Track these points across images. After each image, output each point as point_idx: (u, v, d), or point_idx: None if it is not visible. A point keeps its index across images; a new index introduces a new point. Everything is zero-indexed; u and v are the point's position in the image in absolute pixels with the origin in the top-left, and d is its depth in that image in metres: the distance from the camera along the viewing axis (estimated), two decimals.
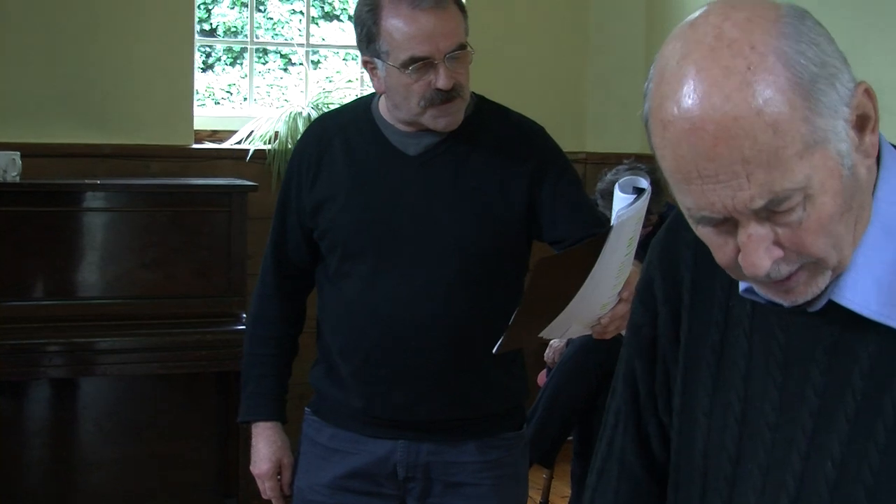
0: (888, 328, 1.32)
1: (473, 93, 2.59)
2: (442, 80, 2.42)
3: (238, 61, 6.01)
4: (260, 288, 2.77)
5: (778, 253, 1.28)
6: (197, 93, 5.39)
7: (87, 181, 4.74)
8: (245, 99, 5.62)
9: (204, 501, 4.89)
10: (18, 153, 4.64)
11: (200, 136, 5.31)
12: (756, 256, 1.27)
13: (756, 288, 1.36)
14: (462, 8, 2.49)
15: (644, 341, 1.55)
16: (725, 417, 1.45)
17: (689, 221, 1.34)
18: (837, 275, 1.32)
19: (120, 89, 5.02)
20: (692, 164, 1.25)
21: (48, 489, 4.77)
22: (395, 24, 2.42)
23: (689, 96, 1.24)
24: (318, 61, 6.00)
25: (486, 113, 2.60)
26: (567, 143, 2.98)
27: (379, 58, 2.47)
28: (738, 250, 1.29)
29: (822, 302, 1.34)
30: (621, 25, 5.82)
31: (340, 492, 2.64)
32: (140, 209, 4.77)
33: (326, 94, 5.29)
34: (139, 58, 5.03)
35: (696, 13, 1.30)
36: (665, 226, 1.57)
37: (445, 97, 2.44)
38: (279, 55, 6.21)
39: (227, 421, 4.69)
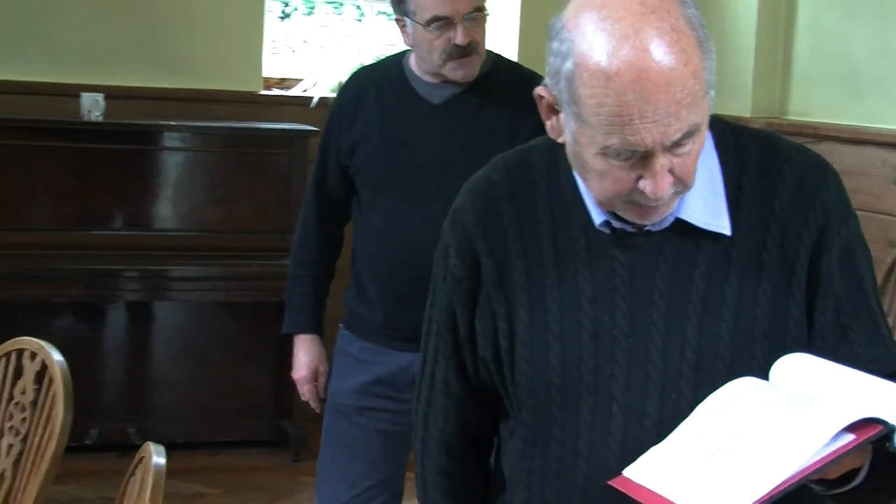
0: (715, 234, 1.65)
1: (490, 51, 2.93)
2: (460, 37, 2.78)
3: (314, 12, 6.26)
4: (303, 218, 3.14)
5: (671, 179, 1.57)
6: (273, 42, 5.70)
7: (162, 122, 5.06)
8: (322, 48, 5.91)
9: (261, 422, 5.23)
10: (102, 95, 4.95)
11: (269, 83, 5.58)
12: (665, 182, 1.55)
13: (623, 213, 1.62)
14: None
15: (465, 290, 1.74)
16: (579, 337, 1.66)
17: (592, 158, 1.56)
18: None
19: (196, 38, 5.27)
20: (635, 107, 1.50)
21: (122, 406, 5.14)
22: None
23: (633, 52, 1.49)
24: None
25: (501, 69, 2.94)
26: None
27: (407, 16, 2.83)
28: (636, 180, 1.55)
29: (670, 220, 1.65)
30: None
31: (366, 396, 3.00)
32: (210, 150, 5.11)
33: (391, 46, 5.58)
34: (214, 9, 5.29)
35: None
36: (474, 193, 1.78)
37: (463, 52, 2.80)
38: (357, 7, 6.43)
39: (283, 348, 4.92)
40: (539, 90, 1.63)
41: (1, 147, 4.84)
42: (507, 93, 2.90)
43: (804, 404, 1.50)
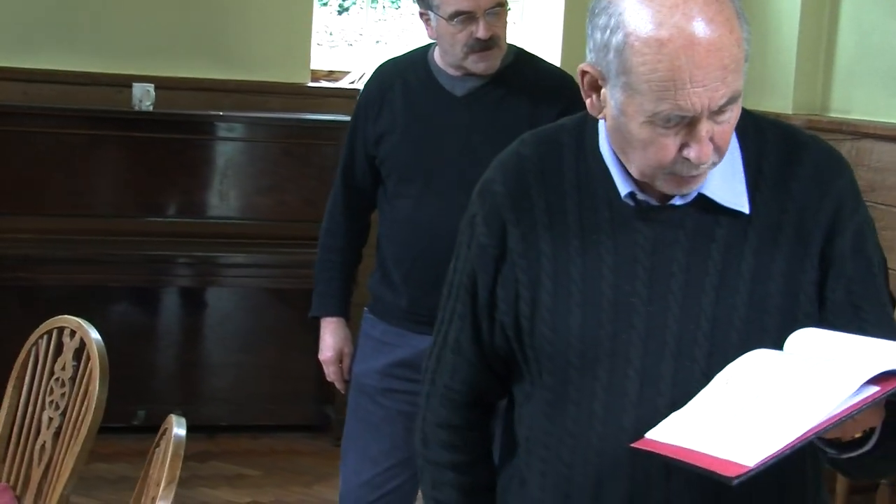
0: (733, 211, 1.75)
1: (512, 45, 3.01)
2: (481, 31, 2.86)
3: (372, 5, 6.27)
4: (331, 205, 3.25)
5: (712, 146, 1.65)
6: (331, 35, 5.80)
7: (212, 112, 5.19)
8: (377, 42, 6.00)
9: (305, 407, 5.35)
10: (153, 85, 5.10)
11: (318, 75, 5.69)
12: (708, 148, 1.64)
13: (663, 184, 1.70)
14: None
15: (489, 257, 1.83)
16: (599, 303, 1.75)
17: (639, 128, 1.64)
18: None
19: (245, 30, 5.40)
20: (686, 72, 1.59)
21: (170, 389, 5.27)
22: None
23: (683, 19, 1.59)
24: None
25: (522, 62, 3.02)
26: None
27: (431, 10, 2.92)
28: (680, 148, 1.64)
29: (693, 195, 1.74)
30: None
31: (389, 378, 3.10)
32: (258, 140, 5.23)
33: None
34: (263, 2, 5.41)
35: None
36: (504, 166, 1.87)
37: (484, 45, 2.88)
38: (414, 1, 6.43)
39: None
40: (583, 66, 1.71)
41: (57, 135, 5.00)
42: (528, 85, 2.98)
43: (826, 363, 1.56)
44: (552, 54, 5.53)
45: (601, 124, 1.79)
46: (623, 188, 1.76)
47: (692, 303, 1.74)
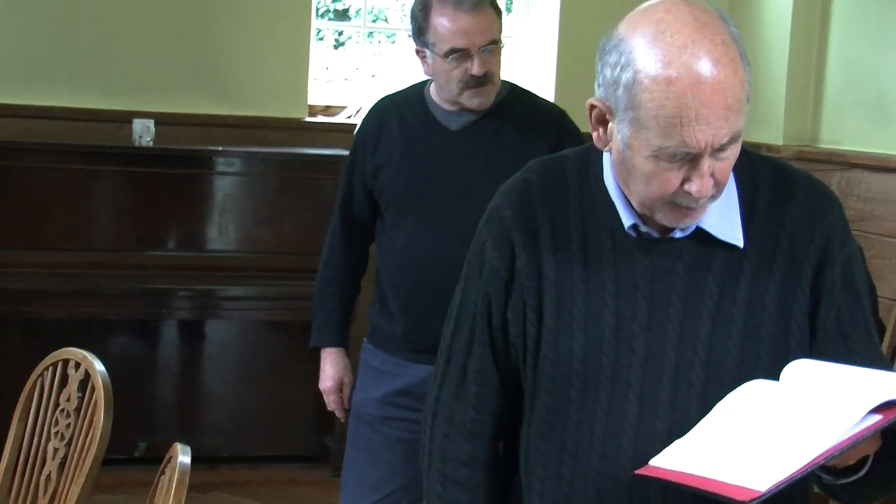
0: (728, 244, 1.83)
1: (505, 81, 3.10)
2: (476, 68, 2.95)
3: (367, 40, 6.31)
4: (330, 238, 3.32)
5: (712, 182, 1.74)
6: (327, 69, 5.87)
7: (211, 148, 5.26)
8: (373, 76, 6.08)
9: (303, 437, 5.39)
10: (153, 121, 5.16)
11: (315, 110, 5.75)
12: (709, 183, 1.72)
13: (663, 215, 1.77)
14: (497, 10, 3.01)
15: (501, 281, 1.89)
16: (601, 328, 1.82)
17: (643, 161, 1.71)
18: None
19: (243, 67, 5.48)
20: (693, 109, 1.66)
21: (171, 420, 5.32)
22: (440, 21, 2.95)
23: (692, 60, 1.67)
24: None
25: (515, 97, 3.11)
26: None
27: (427, 47, 3.00)
28: (682, 181, 1.72)
29: (692, 228, 1.82)
30: None
31: (388, 406, 3.16)
32: (256, 174, 5.30)
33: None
34: (261, 39, 5.49)
35: (656, 6, 1.73)
36: (511, 192, 1.93)
37: (479, 82, 2.97)
38: (409, 35, 6.43)
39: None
40: (591, 101, 1.78)
41: (58, 171, 5.06)
42: (521, 120, 3.06)
43: (830, 393, 1.63)
44: (546, 89, 5.61)
45: (605, 157, 1.86)
46: (627, 220, 1.84)
47: (689, 331, 1.82)
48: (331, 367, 3.31)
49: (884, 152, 5.00)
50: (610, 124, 1.77)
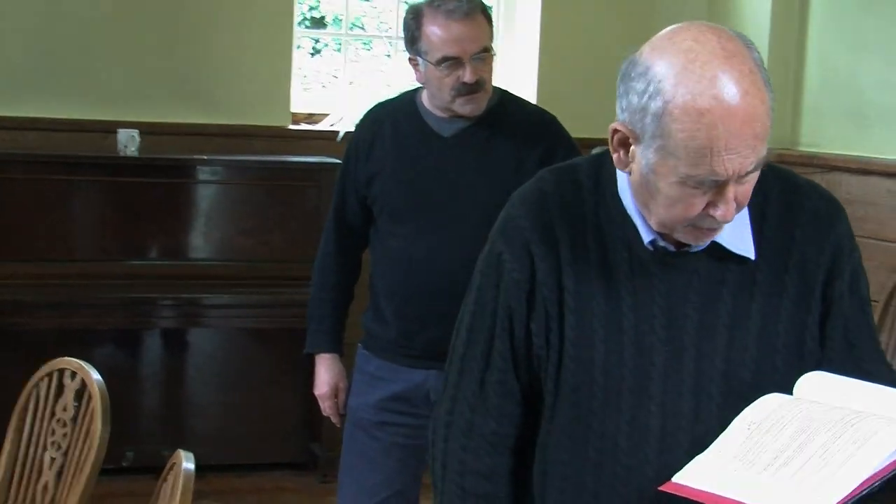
0: (740, 257, 1.86)
1: (497, 87, 3.13)
2: (468, 76, 2.99)
3: (345, 48, 6.27)
4: (323, 244, 3.34)
5: (735, 205, 1.75)
6: (305, 77, 5.89)
7: (195, 157, 5.26)
8: (351, 83, 6.08)
9: (291, 445, 5.39)
10: (137, 131, 5.15)
11: (298, 118, 5.76)
12: (733, 206, 1.74)
13: (682, 235, 1.80)
14: (489, 18, 3.04)
15: (523, 292, 1.89)
16: (621, 341, 1.84)
17: (669, 186, 1.73)
18: None
19: (226, 76, 5.48)
20: (723, 140, 1.68)
21: (157, 429, 5.30)
22: (432, 30, 2.99)
23: (721, 91, 1.67)
24: None
25: (507, 104, 3.15)
26: None
27: (420, 56, 3.04)
28: (706, 205, 1.74)
29: (707, 243, 1.85)
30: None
31: (383, 411, 3.18)
32: (241, 182, 5.31)
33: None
34: (244, 49, 5.50)
35: (683, 33, 1.75)
36: (527, 202, 1.94)
37: (471, 89, 3.00)
38: (389, 43, 6.53)
39: (313, 373, 5.16)
40: (614, 125, 1.79)
41: (44, 181, 5.05)
42: (513, 126, 3.10)
43: (855, 416, 1.67)
44: (527, 97, 5.64)
45: (620, 174, 1.87)
46: (646, 236, 1.86)
47: (706, 342, 1.85)
48: (326, 373, 3.33)
49: (863, 155, 5.06)
50: (633, 148, 1.78)
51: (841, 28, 5.28)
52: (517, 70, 5.91)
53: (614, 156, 1.82)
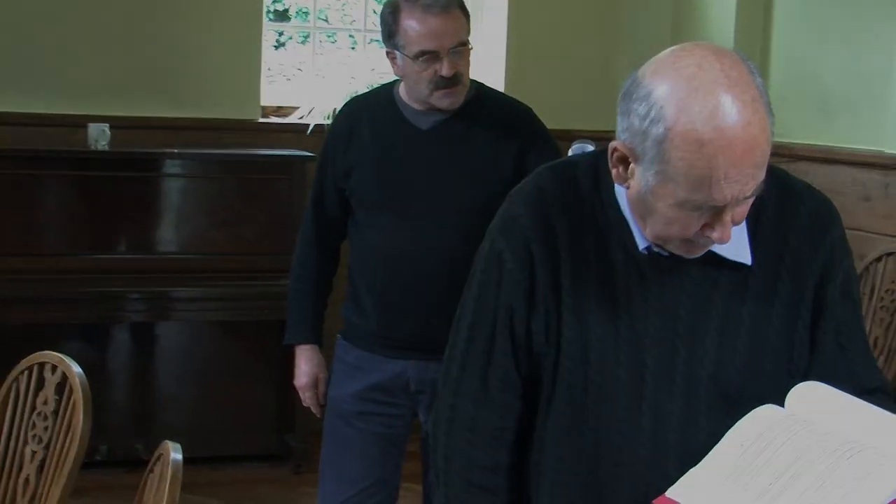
0: (734, 262, 1.88)
1: (474, 80, 3.16)
2: (445, 69, 3.01)
3: (308, 40, 6.30)
4: (302, 237, 3.36)
5: (731, 225, 1.78)
6: (269, 70, 5.90)
7: (166, 150, 5.27)
8: (319, 76, 6.08)
9: (265, 436, 5.42)
10: (108, 125, 5.16)
11: (267, 111, 5.78)
12: (730, 228, 1.77)
13: (674, 248, 1.82)
14: (465, 12, 3.07)
15: (524, 291, 1.91)
16: (616, 341, 1.87)
17: (666, 208, 1.74)
18: None
19: (196, 70, 5.49)
20: (723, 170, 1.69)
21: (130, 423, 5.30)
22: (410, 24, 3.01)
23: (723, 121, 1.67)
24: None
25: (484, 97, 3.18)
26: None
27: (397, 49, 3.06)
28: (703, 226, 1.76)
29: (703, 251, 1.84)
30: (650, 23, 6.25)
31: (363, 401, 3.21)
32: (211, 176, 5.31)
33: (383, 74, 5.79)
34: (214, 42, 5.51)
35: (686, 57, 1.72)
36: (527, 201, 1.95)
37: (448, 83, 3.03)
38: (350, 35, 6.59)
39: (284, 365, 4.97)
40: (614, 144, 1.79)
41: (14, 176, 5.04)
42: (490, 119, 3.13)
43: (850, 448, 1.68)
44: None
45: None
46: (641, 243, 1.87)
47: (697, 345, 1.87)
48: (305, 364, 3.36)
49: (828, 144, 5.14)
50: (632, 166, 1.78)
51: (805, 19, 5.36)
52: (485, 61, 5.93)
53: (613, 171, 1.83)
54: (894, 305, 4.46)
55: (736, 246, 1.86)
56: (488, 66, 5.91)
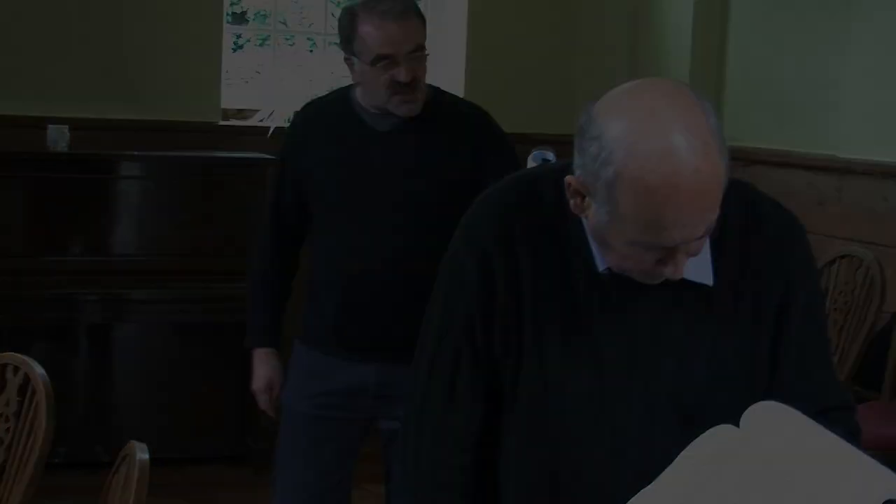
0: (697, 284, 1.87)
1: (430, 85, 3.19)
2: (403, 75, 3.03)
3: (266, 43, 6.34)
4: (260, 241, 3.37)
5: (686, 260, 1.78)
6: (227, 73, 5.92)
7: (126, 152, 5.27)
8: (279, 79, 6.10)
9: (224, 438, 5.41)
10: (67, 126, 5.15)
11: (228, 113, 5.80)
12: (683, 265, 1.77)
13: (633, 274, 1.80)
14: (422, 18, 3.10)
15: (485, 301, 1.91)
16: (576, 356, 1.87)
17: (620, 245, 1.75)
18: None
19: (156, 71, 5.51)
20: (671, 217, 1.68)
21: (88, 425, 5.27)
22: (367, 30, 3.03)
23: (671, 168, 1.65)
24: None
25: (440, 100, 3.20)
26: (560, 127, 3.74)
27: (355, 55, 3.08)
28: (656, 262, 1.75)
29: (662, 279, 1.81)
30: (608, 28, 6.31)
31: (318, 406, 3.21)
32: (172, 178, 5.33)
33: (341, 78, 5.82)
34: (174, 43, 5.53)
35: (640, 96, 1.70)
36: (490, 214, 1.95)
37: (406, 88, 3.04)
38: (307, 38, 6.50)
39: (244, 366, 5.13)
40: (569, 179, 1.78)
41: None
42: (446, 123, 3.16)
43: (792, 480, 1.69)
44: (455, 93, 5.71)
45: None
46: (601, 264, 1.86)
47: (656, 363, 1.87)
48: (261, 368, 3.36)
49: (783, 149, 5.21)
50: (587, 199, 1.77)
51: (761, 25, 5.43)
52: (445, 66, 5.98)
53: (571, 202, 1.81)
54: (847, 307, 4.53)
55: (697, 266, 1.85)
56: (449, 70, 5.95)
